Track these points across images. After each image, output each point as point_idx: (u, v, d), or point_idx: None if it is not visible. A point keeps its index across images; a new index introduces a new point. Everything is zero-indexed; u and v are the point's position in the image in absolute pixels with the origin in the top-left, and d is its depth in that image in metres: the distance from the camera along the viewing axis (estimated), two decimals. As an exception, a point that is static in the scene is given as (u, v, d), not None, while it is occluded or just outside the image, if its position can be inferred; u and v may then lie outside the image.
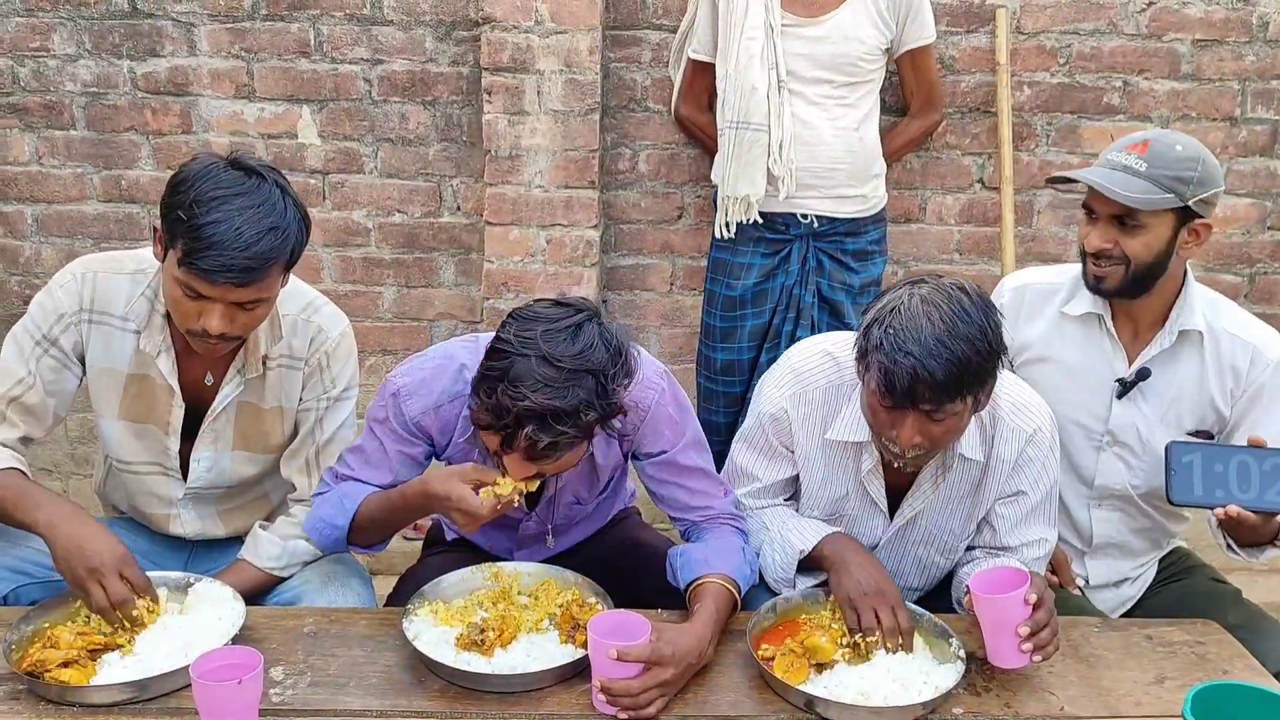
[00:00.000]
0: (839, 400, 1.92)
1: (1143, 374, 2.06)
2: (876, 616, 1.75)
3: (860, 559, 1.85)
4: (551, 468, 1.71)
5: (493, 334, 1.79)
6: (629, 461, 2.01)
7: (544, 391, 1.58)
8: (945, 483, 1.93)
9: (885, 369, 1.65)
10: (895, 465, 1.83)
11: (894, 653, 1.73)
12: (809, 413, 1.95)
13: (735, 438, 2.09)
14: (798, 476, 2.03)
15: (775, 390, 1.97)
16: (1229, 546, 1.99)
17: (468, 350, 1.89)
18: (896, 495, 1.98)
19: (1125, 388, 2.08)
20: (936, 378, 1.63)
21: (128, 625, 1.70)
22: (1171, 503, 1.86)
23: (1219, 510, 1.80)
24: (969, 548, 2.02)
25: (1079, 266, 2.10)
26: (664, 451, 1.92)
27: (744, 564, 1.87)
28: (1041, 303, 2.16)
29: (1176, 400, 2.07)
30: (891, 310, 1.68)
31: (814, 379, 1.95)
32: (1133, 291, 2.00)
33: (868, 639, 1.74)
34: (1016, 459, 1.91)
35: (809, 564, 1.92)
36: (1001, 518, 1.96)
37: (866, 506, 1.99)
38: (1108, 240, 1.96)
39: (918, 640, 1.77)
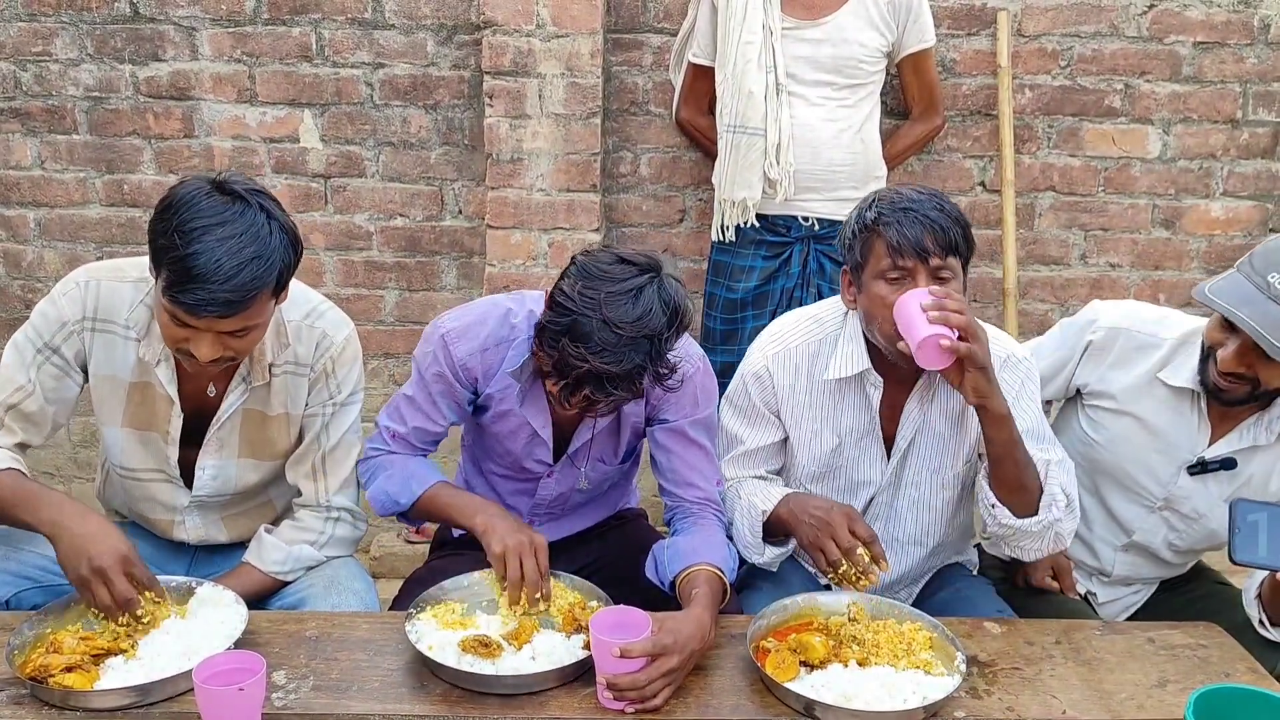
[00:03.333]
0: (826, 350, 2.00)
1: (1228, 464, 2.01)
2: (840, 548, 1.80)
3: (809, 504, 1.90)
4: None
5: (535, 292, 1.93)
6: (645, 430, 2.06)
7: (603, 356, 1.65)
8: (932, 404, 1.97)
9: (895, 227, 1.80)
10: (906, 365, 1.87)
11: (871, 577, 1.80)
12: (795, 367, 2.01)
13: (721, 400, 2.12)
14: (784, 444, 2.07)
15: (757, 351, 2.05)
16: (1262, 623, 1.95)
17: (513, 299, 1.98)
18: (888, 437, 2.02)
19: (1203, 467, 2.03)
20: (941, 226, 1.80)
21: (132, 625, 1.69)
22: (1234, 562, 1.78)
23: None
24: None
25: (1183, 324, 2.04)
26: (677, 420, 1.99)
27: (729, 555, 1.91)
28: (1137, 355, 2.06)
29: (1246, 485, 2.03)
30: (879, 198, 1.87)
31: (795, 336, 2.02)
32: (1249, 403, 1.94)
33: (842, 574, 1.81)
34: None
35: (780, 533, 1.96)
36: None
37: (865, 448, 2.01)
38: (1244, 365, 1.85)
39: (924, 654, 1.77)
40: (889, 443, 2.02)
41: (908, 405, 1.98)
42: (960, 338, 1.75)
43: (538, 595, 1.79)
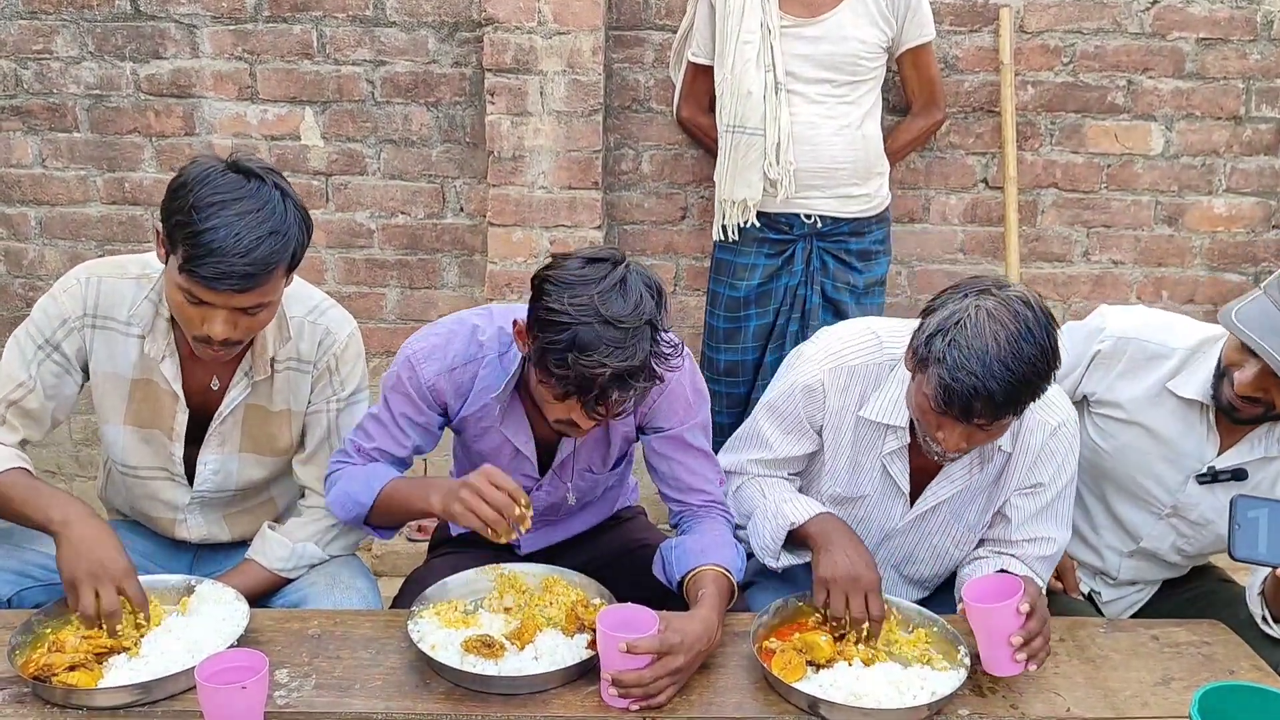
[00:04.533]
0: (878, 378, 1.92)
1: (1239, 475, 2.00)
2: (847, 603, 1.76)
3: (845, 542, 1.84)
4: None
5: (505, 306, 1.86)
6: (638, 437, 2.03)
7: (617, 355, 1.61)
8: (980, 472, 1.92)
9: (945, 384, 1.65)
10: (931, 458, 1.84)
11: (859, 642, 1.75)
12: (847, 384, 1.94)
13: (761, 402, 2.06)
14: (810, 456, 2.03)
15: (813, 363, 1.97)
16: (1266, 619, 1.94)
17: (480, 316, 1.94)
18: (919, 482, 1.97)
19: (1213, 477, 2.02)
20: (996, 399, 1.64)
21: (119, 632, 1.68)
22: (1234, 558, 1.78)
23: None
24: (981, 541, 2.01)
25: (1192, 333, 2.03)
26: (673, 428, 1.95)
27: (736, 556, 1.89)
28: (1146, 365, 2.04)
29: (1254, 491, 2.00)
30: (956, 323, 1.66)
31: (855, 355, 1.95)
32: (1260, 423, 1.94)
33: (835, 621, 1.77)
34: (1040, 450, 1.91)
35: (798, 541, 1.92)
36: (1017, 509, 1.95)
37: (888, 488, 1.98)
38: (1261, 389, 1.84)
39: (927, 649, 1.77)
40: (917, 489, 1.98)
41: (951, 470, 1.93)
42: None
43: (519, 512, 1.70)
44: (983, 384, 1.62)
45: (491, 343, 1.88)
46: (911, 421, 1.88)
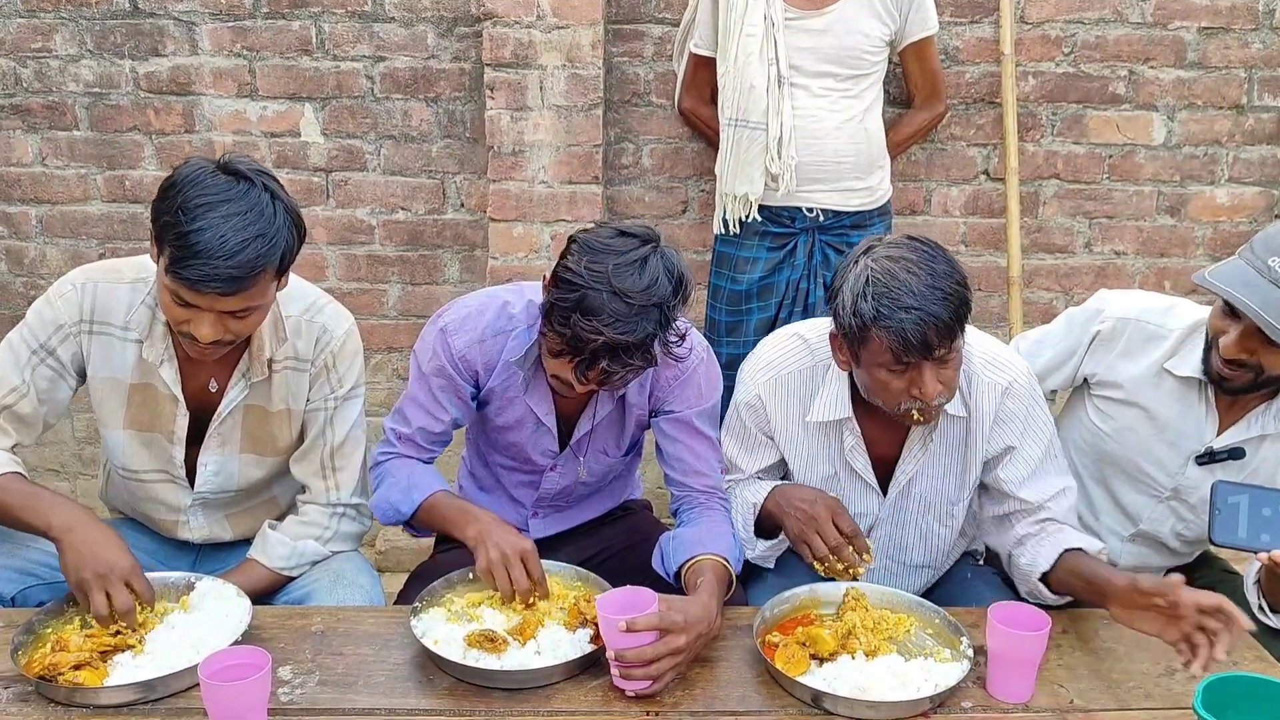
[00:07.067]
0: (814, 383, 1.95)
1: (1236, 454, 2.00)
2: (822, 541, 1.78)
3: (793, 496, 1.89)
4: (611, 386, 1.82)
5: (535, 283, 1.90)
6: (650, 421, 2.06)
7: (616, 326, 1.66)
8: (933, 443, 1.93)
9: (895, 331, 1.68)
10: (909, 425, 1.84)
11: (857, 570, 1.78)
12: (786, 396, 1.97)
13: (721, 427, 2.10)
14: (783, 461, 2.05)
15: (750, 379, 2.00)
16: (1263, 609, 1.93)
17: (511, 291, 1.98)
18: (885, 470, 1.98)
19: (1211, 458, 2.02)
20: (945, 320, 1.68)
21: (125, 630, 1.69)
22: (1213, 543, 1.80)
23: (1263, 555, 1.75)
24: (1006, 519, 1.96)
25: (1190, 314, 2.03)
26: (683, 411, 1.99)
27: (734, 546, 1.91)
28: (1144, 345, 2.06)
29: (1254, 474, 2.01)
30: (868, 281, 1.71)
31: (787, 364, 1.97)
32: (1253, 391, 1.94)
33: (828, 568, 1.79)
34: (996, 413, 1.91)
35: (770, 524, 1.96)
36: (1008, 481, 1.93)
37: (857, 485, 1.99)
38: (1246, 351, 1.85)
39: (928, 641, 1.76)
40: (888, 477, 1.99)
41: (910, 445, 1.95)
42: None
43: (532, 600, 1.78)
44: (926, 310, 1.67)
45: (521, 315, 1.93)
46: (857, 412, 1.91)
